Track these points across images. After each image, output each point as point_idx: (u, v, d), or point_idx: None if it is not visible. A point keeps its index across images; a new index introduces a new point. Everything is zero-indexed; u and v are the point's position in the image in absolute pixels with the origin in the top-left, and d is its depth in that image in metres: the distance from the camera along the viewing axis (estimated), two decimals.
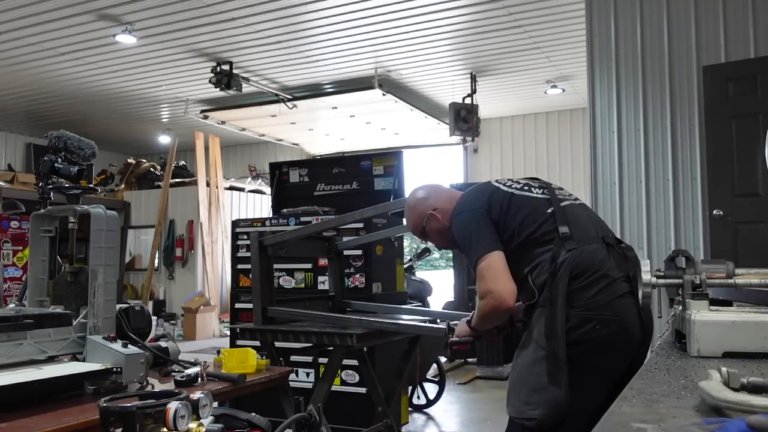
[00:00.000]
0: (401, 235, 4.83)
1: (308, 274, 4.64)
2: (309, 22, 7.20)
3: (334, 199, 4.89)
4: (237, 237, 5.03)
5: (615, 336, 1.93)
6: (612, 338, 1.93)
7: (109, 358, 1.97)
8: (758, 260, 4.03)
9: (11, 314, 1.99)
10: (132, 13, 6.92)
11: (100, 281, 2.11)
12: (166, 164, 11.34)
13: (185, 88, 9.82)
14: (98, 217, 2.15)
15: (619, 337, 1.94)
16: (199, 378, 2.11)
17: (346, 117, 10.28)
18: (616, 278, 1.99)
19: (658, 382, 1.16)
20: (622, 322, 1.95)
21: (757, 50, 4.83)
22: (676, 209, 5.06)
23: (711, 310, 1.51)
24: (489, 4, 6.75)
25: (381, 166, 4.84)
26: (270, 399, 2.72)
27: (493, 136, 12.06)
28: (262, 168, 13.28)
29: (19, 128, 12.54)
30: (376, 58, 8.45)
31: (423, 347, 4.09)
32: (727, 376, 0.92)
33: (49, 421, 1.64)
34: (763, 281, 1.59)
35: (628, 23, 5.29)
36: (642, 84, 5.21)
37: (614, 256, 2.05)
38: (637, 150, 5.20)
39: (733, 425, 0.68)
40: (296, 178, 5.06)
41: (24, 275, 7.99)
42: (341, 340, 2.84)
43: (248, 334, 3.19)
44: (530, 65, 8.87)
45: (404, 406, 4.64)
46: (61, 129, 3.65)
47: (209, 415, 1.37)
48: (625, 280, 2.00)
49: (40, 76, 9.17)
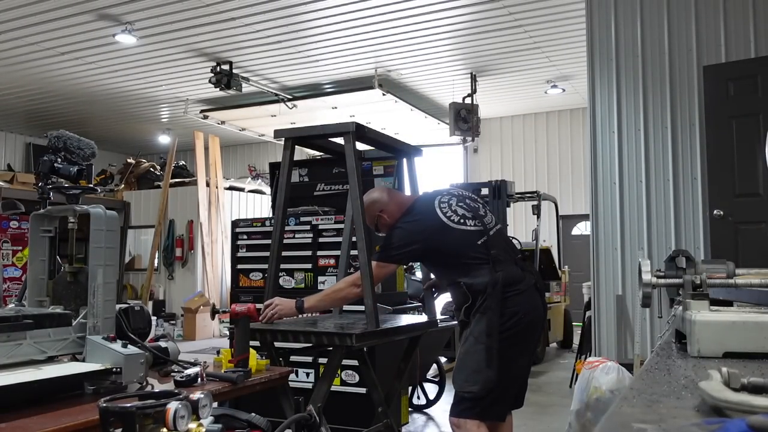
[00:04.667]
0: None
1: (308, 274, 4.64)
2: (309, 22, 7.21)
3: (334, 199, 4.89)
4: (237, 237, 5.02)
5: (534, 321, 2.81)
6: (532, 322, 2.80)
7: (108, 359, 1.97)
8: (759, 260, 4.04)
9: (11, 314, 1.99)
10: (132, 13, 6.93)
11: (99, 281, 2.11)
12: (166, 164, 11.34)
13: (185, 88, 9.83)
14: (98, 217, 2.15)
15: (536, 322, 2.84)
16: (198, 378, 2.11)
17: (346, 117, 10.28)
18: (530, 285, 2.82)
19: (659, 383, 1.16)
20: (536, 311, 2.83)
21: (757, 50, 4.83)
22: (676, 209, 5.06)
23: (711, 310, 1.51)
24: (489, 4, 6.76)
25: (381, 166, 4.84)
26: (270, 399, 2.72)
27: (493, 136, 12.06)
28: (262, 168, 13.29)
29: (18, 128, 12.54)
30: (376, 58, 8.46)
31: (423, 347, 4.09)
32: (727, 376, 0.92)
33: (49, 421, 1.64)
34: (763, 281, 1.59)
35: (628, 23, 5.29)
36: (642, 84, 5.21)
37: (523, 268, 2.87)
38: (637, 150, 5.20)
39: (734, 425, 0.68)
40: (296, 178, 5.05)
41: (23, 275, 7.99)
42: (341, 340, 2.84)
43: None
44: (530, 65, 8.87)
45: (404, 406, 4.64)
46: (61, 129, 3.65)
47: (209, 416, 1.37)
48: (534, 284, 2.84)
49: (40, 76, 9.18)
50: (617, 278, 5.18)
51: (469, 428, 2.74)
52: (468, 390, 2.74)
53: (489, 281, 2.73)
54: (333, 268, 4.47)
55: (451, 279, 2.87)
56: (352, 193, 3.22)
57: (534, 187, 10.05)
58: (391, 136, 3.87)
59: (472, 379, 2.73)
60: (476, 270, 2.78)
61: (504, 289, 2.73)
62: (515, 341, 2.74)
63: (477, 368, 2.72)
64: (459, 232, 2.83)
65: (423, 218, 2.91)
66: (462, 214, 2.88)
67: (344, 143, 3.15)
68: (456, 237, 2.83)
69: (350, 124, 3.14)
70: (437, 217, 2.86)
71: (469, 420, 2.74)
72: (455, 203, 2.92)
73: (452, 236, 2.83)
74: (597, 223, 5.26)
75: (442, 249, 2.83)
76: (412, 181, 3.75)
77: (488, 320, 2.71)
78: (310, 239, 4.63)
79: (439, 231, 2.83)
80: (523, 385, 2.95)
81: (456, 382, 2.81)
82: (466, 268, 2.81)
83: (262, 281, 4.74)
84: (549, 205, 9.06)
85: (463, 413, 2.76)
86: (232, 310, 2.60)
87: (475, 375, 2.73)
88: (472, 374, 2.74)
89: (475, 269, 2.79)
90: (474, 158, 12.23)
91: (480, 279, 2.76)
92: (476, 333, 2.75)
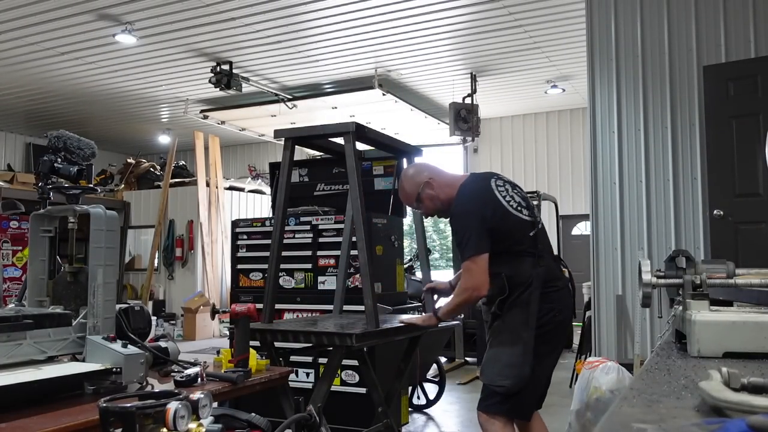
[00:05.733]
0: (402, 235, 4.84)
1: (308, 274, 4.64)
2: (309, 22, 7.21)
3: (334, 199, 4.89)
4: (237, 237, 5.02)
5: (565, 321, 2.79)
6: (563, 322, 2.78)
7: (108, 359, 1.97)
8: (759, 260, 4.03)
9: (11, 314, 1.99)
10: (132, 13, 6.92)
11: (99, 281, 2.11)
12: (166, 164, 11.34)
13: (185, 88, 9.83)
14: (98, 217, 2.15)
15: (566, 322, 2.80)
16: (198, 378, 2.11)
17: (346, 117, 10.28)
18: (566, 284, 2.85)
19: (659, 383, 1.16)
20: (568, 310, 2.83)
21: (757, 50, 4.83)
22: (676, 209, 5.06)
23: (711, 310, 1.51)
24: (489, 4, 6.75)
25: (381, 166, 4.84)
26: (270, 399, 2.72)
27: (493, 136, 12.06)
28: (262, 168, 13.29)
29: (18, 128, 12.54)
30: (376, 58, 8.45)
31: (423, 347, 4.09)
32: (727, 376, 0.92)
33: (49, 421, 1.64)
34: (763, 281, 1.59)
35: (628, 23, 5.28)
36: (642, 84, 5.21)
37: (559, 267, 2.91)
38: (637, 150, 5.19)
39: (734, 425, 0.68)
40: (296, 178, 5.05)
41: (23, 275, 7.99)
42: (341, 341, 2.84)
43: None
44: (530, 65, 8.87)
45: (404, 406, 4.63)
46: (61, 129, 3.65)
47: (209, 416, 1.37)
48: (567, 284, 2.88)
49: (40, 76, 9.18)
50: (617, 278, 5.18)
51: (497, 424, 2.68)
52: (500, 384, 2.67)
53: (533, 274, 2.67)
54: (333, 268, 4.47)
55: (496, 269, 2.69)
56: (352, 193, 3.22)
57: (534, 187, 10.05)
58: (391, 136, 3.88)
59: (505, 373, 2.66)
60: (520, 262, 2.70)
61: (544, 284, 2.69)
62: (547, 339, 2.70)
63: (511, 362, 2.66)
64: (515, 220, 2.74)
65: (485, 198, 2.75)
66: (518, 201, 2.79)
67: (344, 143, 3.15)
68: (512, 224, 2.73)
69: (350, 124, 3.14)
70: (497, 199, 2.74)
71: (497, 416, 2.68)
72: (510, 189, 2.83)
73: (510, 222, 2.73)
74: (597, 223, 5.26)
75: (496, 234, 2.69)
76: None
77: (527, 314, 2.65)
78: (310, 239, 4.63)
79: (500, 214, 2.71)
80: (547, 385, 2.90)
81: (487, 375, 2.74)
82: (510, 259, 2.71)
83: (262, 281, 4.74)
84: (549, 205, 9.06)
85: (492, 408, 2.69)
86: (232, 310, 2.60)
87: (508, 369, 2.66)
88: (505, 368, 2.67)
89: (518, 261, 2.71)
90: (474, 158, 12.23)
91: (523, 272, 2.69)
92: (512, 326, 2.69)
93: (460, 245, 2.71)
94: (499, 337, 2.74)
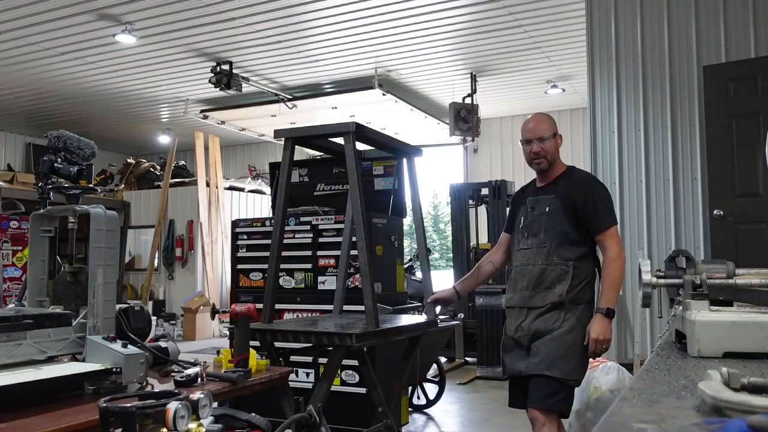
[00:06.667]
0: (402, 235, 4.84)
1: (308, 274, 4.64)
2: (309, 22, 7.20)
3: (334, 199, 4.89)
4: (237, 237, 5.02)
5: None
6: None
7: (108, 359, 1.97)
8: (759, 260, 4.03)
9: (11, 314, 1.99)
10: (132, 13, 6.92)
11: (99, 281, 2.10)
12: (166, 164, 11.34)
13: (185, 88, 9.82)
14: (98, 217, 2.15)
15: None
16: (198, 378, 2.11)
17: (346, 117, 10.28)
18: None
19: (659, 383, 1.16)
20: None
21: (757, 50, 4.83)
22: (676, 209, 5.06)
23: (711, 310, 1.51)
24: (489, 4, 6.75)
25: (381, 166, 4.84)
26: (270, 399, 2.71)
27: (493, 136, 12.05)
28: (262, 168, 13.28)
29: (18, 128, 12.54)
30: (376, 58, 8.45)
31: (423, 347, 4.08)
32: (727, 376, 0.92)
33: (49, 421, 1.64)
34: (763, 281, 1.59)
35: (628, 23, 5.29)
36: (642, 84, 5.21)
37: None
38: (637, 150, 5.20)
39: (734, 425, 0.68)
40: (296, 178, 5.05)
41: (23, 275, 7.99)
42: (341, 340, 2.84)
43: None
44: (530, 65, 8.87)
45: (404, 406, 4.63)
46: (61, 129, 3.65)
47: (209, 416, 1.37)
48: None
49: (40, 76, 9.17)
50: None
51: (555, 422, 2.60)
52: (575, 379, 2.65)
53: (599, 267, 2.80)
54: (333, 268, 4.47)
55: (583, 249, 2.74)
56: (352, 193, 3.21)
57: None
58: (391, 136, 3.87)
59: (581, 368, 2.66)
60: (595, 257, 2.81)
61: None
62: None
63: (583, 358, 2.66)
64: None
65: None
66: None
67: (344, 143, 3.15)
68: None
69: (350, 124, 3.14)
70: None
71: (554, 415, 2.60)
72: None
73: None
74: None
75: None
76: (412, 181, 3.75)
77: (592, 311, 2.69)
78: (310, 239, 4.63)
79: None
80: None
81: (560, 369, 2.62)
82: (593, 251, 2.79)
83: (262, 281, 4.74)
84: None
85: (557, 405, 2.61)
86: (232, 310, 2.60)
87: (582, 365, 2.67)
88: (580, 363, 2.65)
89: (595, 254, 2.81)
90: (474, 158, 12.22)
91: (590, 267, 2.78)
92: (584, 321, 2.69)
93: (601, 213, 2.73)
94: (573, 331, 2.68)
